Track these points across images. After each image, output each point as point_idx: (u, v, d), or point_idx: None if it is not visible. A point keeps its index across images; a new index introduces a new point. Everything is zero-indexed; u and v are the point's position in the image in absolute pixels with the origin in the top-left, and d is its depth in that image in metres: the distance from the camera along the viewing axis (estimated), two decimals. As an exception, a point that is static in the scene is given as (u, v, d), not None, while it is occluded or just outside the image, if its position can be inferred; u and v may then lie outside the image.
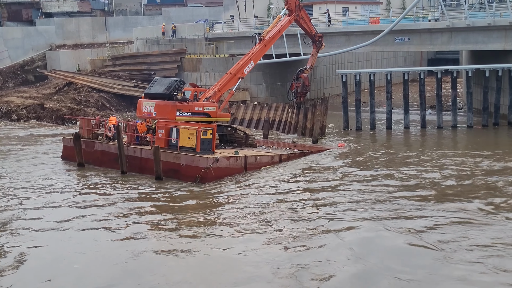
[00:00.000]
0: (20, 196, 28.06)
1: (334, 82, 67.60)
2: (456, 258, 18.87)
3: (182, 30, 65.98)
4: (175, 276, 18.22)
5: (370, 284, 17.39)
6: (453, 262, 18.61)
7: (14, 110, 56.75)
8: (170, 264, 19.21)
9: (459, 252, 19.36)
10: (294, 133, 45.73)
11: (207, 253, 20.04)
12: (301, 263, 18.79)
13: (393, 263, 18.70)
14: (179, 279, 18.00)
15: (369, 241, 20.66)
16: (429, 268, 18.21)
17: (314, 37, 45.72)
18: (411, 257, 19.19)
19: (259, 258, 19.35)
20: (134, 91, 60.40)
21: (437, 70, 46.66)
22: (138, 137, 34.10)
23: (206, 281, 17.79)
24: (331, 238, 21.16)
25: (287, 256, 19.39)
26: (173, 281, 17.85)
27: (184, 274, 18.34)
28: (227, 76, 38.78)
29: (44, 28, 77.98)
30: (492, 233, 21.04)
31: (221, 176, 30.64)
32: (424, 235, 21.01)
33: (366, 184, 28.67)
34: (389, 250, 19.87)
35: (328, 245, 20.46)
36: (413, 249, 19.88)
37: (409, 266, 18.39)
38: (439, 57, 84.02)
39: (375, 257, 19.21)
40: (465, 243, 20.12)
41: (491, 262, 18.52)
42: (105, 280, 18.08)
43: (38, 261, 19.90)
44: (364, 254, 19.43)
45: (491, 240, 20.29)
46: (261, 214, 24.24)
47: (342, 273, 18.07)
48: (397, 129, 46.16)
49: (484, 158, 33.78)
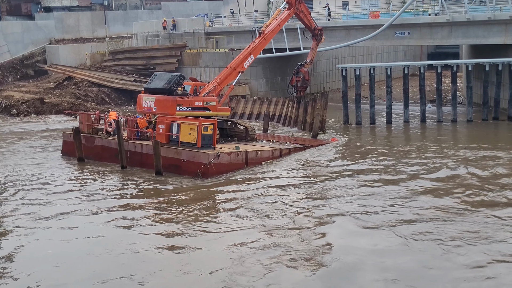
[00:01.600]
0: (19, 190, 28.17)
1: (334, 76, 67.52)
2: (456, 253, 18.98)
3: (182, 25, 65.91)
4: (169, 270, 18.33)
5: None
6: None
7: (13, 105, 56.71)
8: (166, 258, 19.32)
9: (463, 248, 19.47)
10: (294, 127, 45.73)
11: (205, 248, 20.12)
12: (302, 258, 18.89)
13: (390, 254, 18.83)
14: (175, 274, 18.08)
15: (364, 234, 20.81)
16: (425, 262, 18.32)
17: (314, 30, 45.64)
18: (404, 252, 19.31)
19: (258, 253, 19.43)
20: (134, 85, 60.39)
21: (437, 65, 46.60)
22: (138, 132, 34.10)
23: (204, 277, 17.85)
24: (331, 230, 21.30)
25: (287, 252, 19.45)
26: (168, 276, 17.94)
27: (182, 269, 18.40)
28: (227, 70, 38.71)
29: (43, 22, 77.78)
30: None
31: (222, 171, 30.66)
32: (415, 227, 21.19)
33: (365, 178, 28.82)
34: (387, 241, 20.00)
35: (327, 236, 20.58)
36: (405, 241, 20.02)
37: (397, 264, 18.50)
38: (439, 51, 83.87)
39: (374, 249, 19.32)
40: (469, 236, 20.24)
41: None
42: (97, 273, 18.24)
43: (35, 254, 20.01)
44: (366, 248, 19.54)
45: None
46: (261, 209, 24.30)
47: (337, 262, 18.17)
48: (397, 123, 46.17)
49: (482, 150, 34.00)
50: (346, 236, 20.95)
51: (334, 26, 55.39)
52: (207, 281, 17.50)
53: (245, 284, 17.16)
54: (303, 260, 18.72)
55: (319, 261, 18.69)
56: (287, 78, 55.45)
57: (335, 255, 19.13)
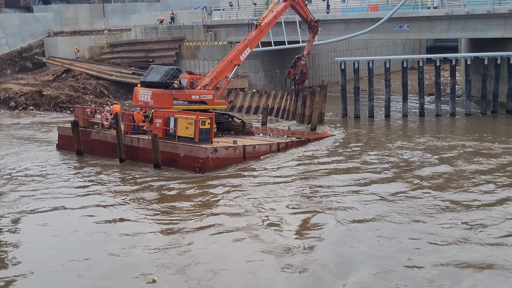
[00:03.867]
0: (14, 183, 28.15)
1: (333, 69, 67.40)
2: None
3: (181, 17, 65.68)
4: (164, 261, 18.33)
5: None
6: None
7: (12, 97, 56.60)
8: (161, 251, 19.30)
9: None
10: (292, 120, 45.65)
11: (203, 242, 20.10)
12: (298, 253, 18.89)
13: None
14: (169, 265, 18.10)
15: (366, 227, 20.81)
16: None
17: (310, 22, 45.49)
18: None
19: (256, 246, 19.44)
20: (133, 78, 60.19)
21: (436, 58, 46.52)
22: (135, 126, 33.96)
23: (202, 273, 17.85)
24: (329, 221, 21.38)
25: (286, 247, 19.43)
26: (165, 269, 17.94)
27: (179, 265, 18.39)
28: (223, 63, 38.52)
29: (42, 15, 77.57)
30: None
31: (220, 165, 30.57)
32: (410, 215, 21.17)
33: (362, 171, 28.98)
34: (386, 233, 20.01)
35: (326, 228, 20.58)
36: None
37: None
38: (438, 45, 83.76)
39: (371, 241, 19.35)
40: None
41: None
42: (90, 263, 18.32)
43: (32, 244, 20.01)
44: (366, 241, 19.54)
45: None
46: (260, 203, 24.30)
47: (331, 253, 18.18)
48: (396, 116, 46.09)
49: (480, 142, 34.09)
50: (342, 229, 20.97)
51: (333, 19, 55.23)
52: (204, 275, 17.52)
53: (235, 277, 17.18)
54: (291, 255, 18.73)
55: (317, 257, 18.67)
56: (285, 71, 55.19)
57: (330, 248, 19.16)
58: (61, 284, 17.43)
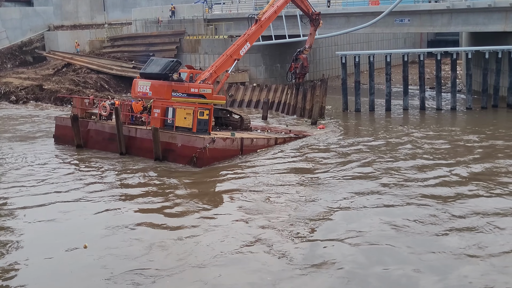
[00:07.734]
0: (12, 178, 28.09)
1: (334, 63, 67.24)
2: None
3: (181, 11, 65.56)
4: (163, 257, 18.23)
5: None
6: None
7: (13, 91, 56.63)
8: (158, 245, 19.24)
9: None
10: (293, 114, 45.52)
11: (201, 236, 20.07)
12: (298, 247, 18.82)
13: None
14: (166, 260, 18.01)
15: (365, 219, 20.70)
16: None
17: (311, 15, 45.34)
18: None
19: (254, 241, 19.40)
20: (133, 72, 60.01)
21: (437, 52, 46.30)
22: (133, 117, 33.90)
23: (200, 268, 17.77)
24: (326, 214, 21.23)
25: (284, 241, 19.38)
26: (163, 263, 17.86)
27: (176, 261, 18.33)
28: (222, 58, 38.38)
29: (42, 8, 77.45)
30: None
31: (217, 157, 30.50)
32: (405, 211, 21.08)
33: (360, 164, 28.92)
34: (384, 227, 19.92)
35: (325, 223, 20.46)
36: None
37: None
38: (439, 39, 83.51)
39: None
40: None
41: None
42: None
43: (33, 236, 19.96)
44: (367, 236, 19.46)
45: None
46: (259, 197, 24.29)
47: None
48: (396, 110, 45.94)
49: (479, 136, 34.03)
50: (341, 221, 20.94)
51: (334, 13, 55.09)
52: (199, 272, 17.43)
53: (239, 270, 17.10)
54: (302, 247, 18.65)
55: (316, 253, 18.61)
56: (286, 65, 55.19)
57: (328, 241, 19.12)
58: (58, 275, 17.45)
